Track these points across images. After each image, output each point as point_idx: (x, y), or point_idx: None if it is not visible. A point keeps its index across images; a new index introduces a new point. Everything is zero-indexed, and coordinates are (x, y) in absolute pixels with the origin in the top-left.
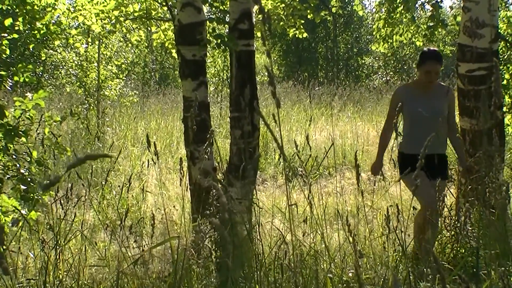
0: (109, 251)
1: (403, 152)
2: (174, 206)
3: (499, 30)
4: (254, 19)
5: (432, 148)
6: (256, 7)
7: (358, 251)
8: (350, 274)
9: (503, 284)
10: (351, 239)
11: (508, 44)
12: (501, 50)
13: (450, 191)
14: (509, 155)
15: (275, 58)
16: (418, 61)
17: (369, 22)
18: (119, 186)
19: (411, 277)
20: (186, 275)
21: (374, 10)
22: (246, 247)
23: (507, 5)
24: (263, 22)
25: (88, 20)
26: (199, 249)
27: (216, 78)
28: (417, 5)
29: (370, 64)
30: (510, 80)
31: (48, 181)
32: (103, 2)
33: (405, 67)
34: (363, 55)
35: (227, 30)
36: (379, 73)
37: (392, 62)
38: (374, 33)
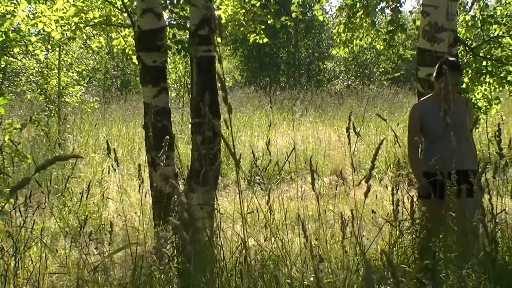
0: (69, 258)
1: (428, 171)
2: (135, 213)
3: (458, 34)
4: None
5: (463, 163)
6: (217, 13)
7: (318, 255)
8: (312, 279)
9: (460, 286)
10: (307, 244)
11: (467, 48)
12: (460, 54)
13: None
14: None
15: (236, 64)
16: (436, 72)
17: (330, 27)
18: (80, 193)
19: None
20: (147, 281)
21: (334, 15)
22: (207, 253)
23: (465, 9)
24: (214, 30)
25: (48, 27)
26: (161, 255)
27: (178, 84)
28: (377, 10)
29: (332, 68)
30: (469, 84)
31: (16, 185)
32: (63, 9)
33: (366, 72)
34: (325, 60)
35: (188, 36)
36: (341, 77)
37: (354, 66)
38: (334, 37)
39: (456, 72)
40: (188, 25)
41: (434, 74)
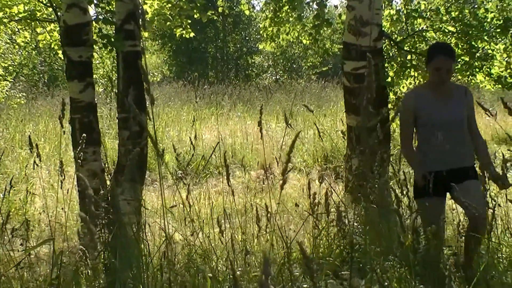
0: None
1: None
2: (62, 208)
3: (383, 29)
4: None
5: (457, 161)
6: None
7: (244, 249)
8: (239, 273)
9: (379, 279)
10: (223, 239)
11: (392, 42)
12: (385, 48)
13: (332, 189)
14: (395, 152)
15: (165, 58)
16: (426, 58)
17: (258, 22)
18: (6, 189)
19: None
20: (73, 277)
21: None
22: (133, 248)
23: (390, 3)
24: (140, 24)
25: None
26: (87, 250)
27: (105, 79)
28: (304, 4)
29: (260, 63)
30: (394, 78)
31: None
32: None
33: (294, 66)
34: (253, 55)
35: (114, 31)
36: (269, 72)
37: (282, 61)
38: (261, 32)
39: (447, 57)
40: (114, 20)
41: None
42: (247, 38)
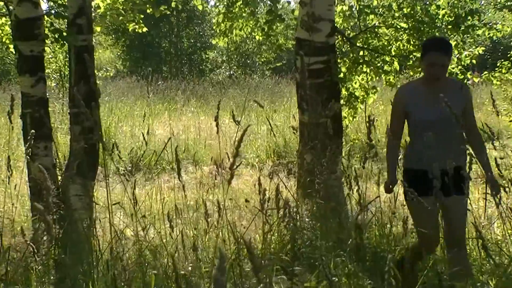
0: None
1: (412, 168)
2: (13, 204)
3: (335, 24)
4: (93, 14)
5: (454, 160)
6: (94, 2)
7: (193, 245)
8: (190, 268)
9: (326, 275)
10: (173, 235)
11: (344, 38)
12: (338, 44)
13: (284, 184)
14: (348, 147)
15: (118, 53)
16: (421, 53)
17: (212, 17)
18: None
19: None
20: (23, 273)
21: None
22: (85, 243)
23: None
24: (89, 18)
25: None
26: (38, 246)
27: (58, 74)
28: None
29: (214, 58)
30: (346, 74)
31: None
32: None
33: (249, 61)
34: (207, 50)
35: (66, 25)
36: (223, 67)
37: (236, 56)
38: (214, 27)
39: (440, 52)
40: (66, 14)
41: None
42: (201, 33)
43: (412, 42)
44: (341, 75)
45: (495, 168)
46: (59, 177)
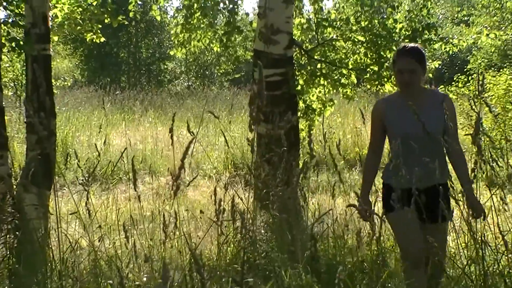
0: None
1: (390, 184)
2: None
3: (294, 37)
4: (50, 23)
5: (428, 178)
6: (52, 11)
7: (145, 256)
8: (144, 279)
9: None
10: (128, 246)
11: (302, 51)
12: (296, 57)
13: (238, 196)
14: (304, 159)
15: (77, 63)
16: (392, 64)
17: (171, 28)
18: None
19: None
20: None
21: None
22: (39, 254)
23: (301, 12)
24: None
25: None
26: None
27: (15, 83)
28: (216, 11)
29: (173, 69)
30: (304, 86)
31: None
32: None
33: (207, 72)
34: (166, 61)
35: (24, 34)
36: (181, 78)
37: (194, 67)
38: (172, 38)
39: (409, 57)
40: (23, 23)
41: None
42: (160, 44)
43: (369, 56)
44: (299, 87)
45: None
46: (15, 187)
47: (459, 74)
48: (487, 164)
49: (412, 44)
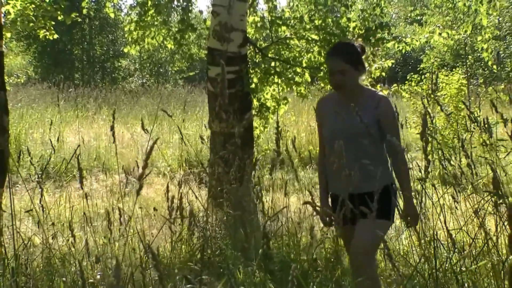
0: None
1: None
2: None
3: (248, 35)
4: (3, 20)
5: (357, 185)
6: (4, 8)
7: (95, 255)
8: (99, 277)
9: (231, 284)
10: (80, 243)
11: (256, 49)
12: (250, 55)
13: (194, 193)
14: (260, 157)
15: (30, 60)
16: None
17: (125, 25)
18: None
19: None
20: None
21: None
22: None
23: (255, 10)
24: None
25: None
26: None
27: None
28: (170, 9)
29: (127, 66)
30: (258, 84)
31: None
32: None
33: (162, 70)
34: (120, 58)
35: None
36: (136, 75)
37: (149, 65)
38: (126, 35)
39: (336, 57)
40: None
41: None
42: (114, 41)
43: (323, 54)
44: (253, 85)
45: None
46: None
47: (412, 73)
48: (440, 163)
49: (343, 41)
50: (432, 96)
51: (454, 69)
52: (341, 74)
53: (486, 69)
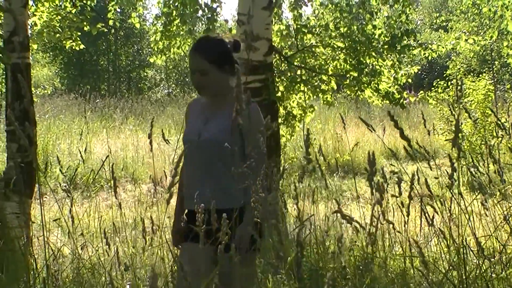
0: None
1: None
2: None
3: (273, 43)
4: (29, 31)
5: (208, 200)
6: (31, 19)
7: (124, 264)
8: (128, 287)
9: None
10: (110, 253)
11: (282, 57)
12: (275, 63)
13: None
14: (286, 165)
15: (56, 71)
16: None
17: (150, 35)
18: None
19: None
20: None
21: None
22: (21, 262)
23: (280, 18)
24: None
25: None
26: None
27: None
28: (195, 18)
29: (152, 76)
30: (284, 92)
31: None
32: None
33: (187, 79)
34: (145, 68)
35: (2, 43)
36: (161, 85)
37: (174, 74)
38: (152, 45)
39: (197, 55)
40: (1, 32)
41: None
42: (139, 51)
43: (348, 62)
44: (279, 94)
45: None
46: None
47: (438, 80)
48: (468, 170)
49: (205, 36)
50: (458, 102)
51: (480, 75)
52: (202, 74)
53: None
